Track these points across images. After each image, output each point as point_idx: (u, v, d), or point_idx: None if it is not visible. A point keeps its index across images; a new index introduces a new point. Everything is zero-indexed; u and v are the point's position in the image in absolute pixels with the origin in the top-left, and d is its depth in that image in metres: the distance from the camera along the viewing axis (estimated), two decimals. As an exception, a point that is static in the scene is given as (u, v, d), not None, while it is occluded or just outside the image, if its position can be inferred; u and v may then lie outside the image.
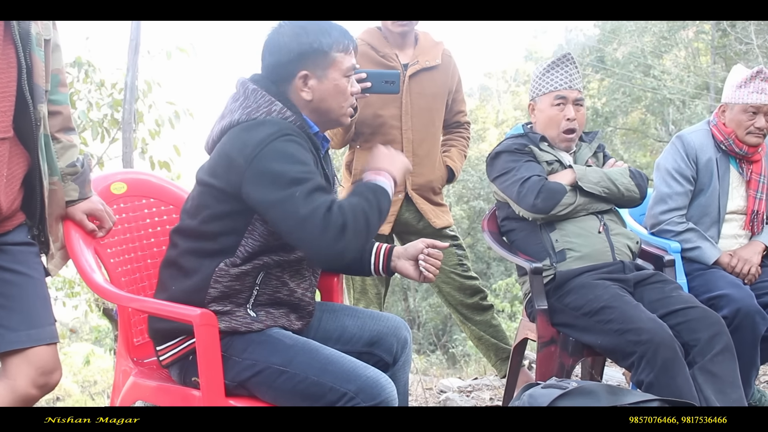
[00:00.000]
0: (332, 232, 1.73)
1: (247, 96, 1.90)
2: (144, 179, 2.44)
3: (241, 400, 1.87)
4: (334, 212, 1.74)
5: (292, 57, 1.90)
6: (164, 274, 2.00)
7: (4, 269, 1.90)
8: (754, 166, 2.99)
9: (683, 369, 2.27)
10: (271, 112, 1.87)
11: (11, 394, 1.85)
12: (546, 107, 2.76)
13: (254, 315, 1.91)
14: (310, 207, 1.73)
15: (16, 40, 1.84)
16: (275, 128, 1.81)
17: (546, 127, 2.77)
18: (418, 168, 3.17)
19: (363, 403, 1.75)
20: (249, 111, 1.88)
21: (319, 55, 1.90)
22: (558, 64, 2.76)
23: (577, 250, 2.61)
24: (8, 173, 1.87)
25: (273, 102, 1.88)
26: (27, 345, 1.87)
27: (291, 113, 1.88)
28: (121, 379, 2.16)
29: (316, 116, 1.97)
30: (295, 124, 1.88)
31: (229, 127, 1.89)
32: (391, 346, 2.11)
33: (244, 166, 1.79)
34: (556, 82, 2.75)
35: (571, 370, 2.57)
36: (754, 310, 2.57)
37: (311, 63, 1.91)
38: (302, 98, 1.93)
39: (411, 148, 3.15)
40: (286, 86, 1.93)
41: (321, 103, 1.95)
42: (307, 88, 1.93)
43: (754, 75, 2.88)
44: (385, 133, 3.11)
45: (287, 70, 1.91)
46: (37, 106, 1.90)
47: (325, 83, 1.93)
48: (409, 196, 3.17)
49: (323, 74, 1.92)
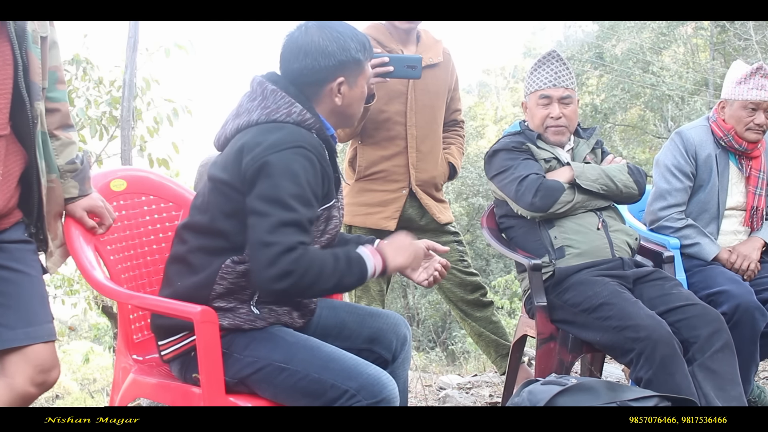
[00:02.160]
0: (275, 271, 1.71)
1: (266, 96, 1.89)
2: (144, 176, 2.44)
3: (242, 398, 1.87)
4: (290, 256, 1.72)
5: (332, 62, 1.89)
6: (171, 269, 1.99)
7: (1, 267, 1.89)
8: (753, 162, 2.99)
9: (682, 366, 2.28)
10: (291, 113, 1.86)
11: (10, 392, 1.85)
12: (533, 106, 2.79)
13: (257, 312, 1.91)
14: (274, 238, 1.72)
15: (12, 37, 1.84)
16: (292, 137, 1.81)
17: (535, 126, 2.80)
18: (422, 164, 3.18)
19: (364, 401, 1.75)
20: (268, 111, 1.87)
21: (355, 63, 1.93)
22: (543, 62, 2.79)
23: (576, 246, 2.61)
24: (4, 171, 1.87)
25: (293, 103, 1.87)
26: (25, 343, 1.87)
27: (311, 115, 1.88)
28: (120, 377, 2.16)
29: (336, 118, 1.99)
30: (314, 126, 1.88)
31: (246, 126, 1.88)
32: (390, 343, 2.11)
33: (250, 162, 1.78)
34: (541, 81, 2.77)
35: (570, 366, 2.57)
36: (754, 306, 2.57)
37: (348, 69, 1.92)
38: (332, 102, 1.94)
39: (415, 144, 3.15)
40: (317, 89, 1.93)
41: (347, 108, 1.98)
42: (339, 95, 1.93)
43: (754, 71, 2.88)
44: (390, 129, 3.10)
45: (323, 75, 1.91)
46: (34, 104, 1.90)
47: (355, 90, 1.96)
48: (413, 192, 3.17)
49: (355, 81, 1.95)
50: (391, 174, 3.14)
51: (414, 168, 3.15)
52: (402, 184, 3.15)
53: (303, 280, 1.73)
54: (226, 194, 1.86)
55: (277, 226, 1.73)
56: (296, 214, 1.74)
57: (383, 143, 3.12)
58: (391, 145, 3.12)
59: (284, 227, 1.73)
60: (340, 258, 1.81)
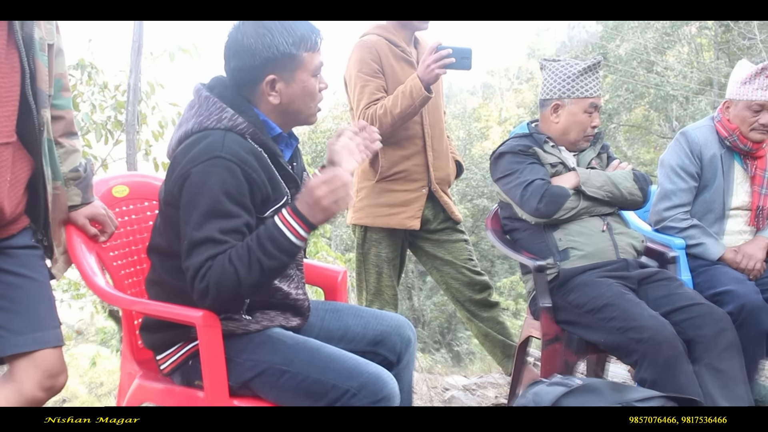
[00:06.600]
0: (196, 295, 1.74)
1: (201, 104, 1.87)
2: (146, 182, 2.44)
3: (245, 401, 1.88)
4: (199, 275, 1.71)
5: (257, 61, 1.83)
6: (150, 292, 1.99)
7: (8, 272, 1.90)
8: (758, 161, 2.99)
9: (686, 366, 2.27)
10: (222, 119, 1.81)
11: (18, 396, 1.86)
12: (578, 111, 2.74)
13: (249, 318, 1.91)
14: (188, 261, 1.74)
15: (20, 44, 1.84)
16: (210, 147, 1.76)
17: (569, 129, 2.76)
18: (438, 162, 3.22)
19: (366, 399, 1.76)
20: (201, 120, 1.84)
21: (287, 58, 1.84)
22: (591, 69, 2.74)
23: (581, 248, 2.61)
24: (12, 177, 1.88)
25: (224, 109, 1.83)
26: (32, 348, 1.88)
27: (242, 119, 1.82)
28: (126, 381, 2.16)
29: (283, 118, 1.93)
30: (246, 131, 1.82)
31: (184, 136, 1.85)
32: (394, 345, 2.11)
33: (175, 179, 1.79)
34: (592, 89, 2.74)
35: (575, 367, 2.57)
36: (759, 306, 2.56)
37: (279, 66, 1.84)
38: (269, 102, 1.88)
39: (431, 143, 3.18)
40: (252, 90, 1.88)
41: (289, 106, 1.90)
42: (274, 92, 1.87)
43: (759, 71, 2.87)
44: (408, 128, 3.12)
45: (253, 75, 1.85)
46: (40, 111, 1.90)
47: (293, 86, 1.88)
48: (432, 191, 3.19)
49: (291, 77, 1.86)
50: (412, 173, 3.16)
51: (432, 167, 3.18)
52: (422, 183, 3.18)
53: (220, 291, 1.71)
54: (171, 216, 1.85)
55: (189, 249, 1.74)
56: (203, 232, 1.72)
57: (403, 143, 3.14)
58: (411, 145, 3.15)
59: (194, 248, 1.73)
60: (251, 246, 1.73)
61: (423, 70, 2.87)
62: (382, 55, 3.08)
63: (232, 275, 1.71)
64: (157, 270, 1.94)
